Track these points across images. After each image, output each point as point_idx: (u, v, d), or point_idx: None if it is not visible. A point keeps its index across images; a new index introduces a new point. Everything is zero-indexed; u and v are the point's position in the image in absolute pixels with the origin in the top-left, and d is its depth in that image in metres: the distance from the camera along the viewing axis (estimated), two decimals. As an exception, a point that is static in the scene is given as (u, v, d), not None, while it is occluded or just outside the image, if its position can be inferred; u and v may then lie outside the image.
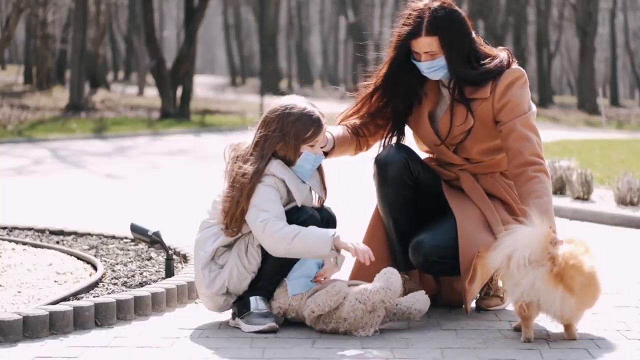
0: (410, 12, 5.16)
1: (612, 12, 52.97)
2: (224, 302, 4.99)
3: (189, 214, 9.52)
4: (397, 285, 4.80)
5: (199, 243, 5.02)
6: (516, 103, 5.11)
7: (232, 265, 4.92)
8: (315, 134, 4.95)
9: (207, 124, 27.55)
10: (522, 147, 5.03)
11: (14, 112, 26.60)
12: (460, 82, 5.17)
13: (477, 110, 5.16)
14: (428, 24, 5.09)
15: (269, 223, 4.79)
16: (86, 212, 9.70)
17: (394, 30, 5.23)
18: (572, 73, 61.19)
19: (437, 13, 5.10)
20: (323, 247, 4.77)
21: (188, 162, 16.84)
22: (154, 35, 28.86)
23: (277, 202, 4.87)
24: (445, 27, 5.09)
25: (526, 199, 4.96)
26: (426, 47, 5.11)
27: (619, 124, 34.58)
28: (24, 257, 6.24)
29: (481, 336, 4.80)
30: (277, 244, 4.79)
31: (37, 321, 4.66)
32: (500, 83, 5.13)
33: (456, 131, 5.20)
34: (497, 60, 5.17)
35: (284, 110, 4.94)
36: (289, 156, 4.94)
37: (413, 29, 5.12)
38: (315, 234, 4.79)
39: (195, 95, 35.99)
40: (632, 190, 9.75)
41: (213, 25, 75.56)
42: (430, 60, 5.13)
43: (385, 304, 4.77)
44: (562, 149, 17.26)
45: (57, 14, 36.85)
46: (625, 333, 4.87)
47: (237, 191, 4.85)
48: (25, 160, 16.55)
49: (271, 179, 4.88)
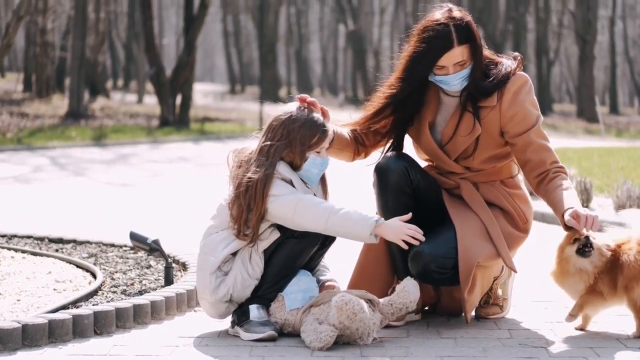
0: (432, 25, 5.06)
1: (612, 20, 52.99)
2: (225, 310, 4.99)
3: (189, 222, 9.52)
4: (412, 296, 4.87)
5: (207, 248, 5.00)
6: (525, 113, 5.13)
7: (236, 273, 4.92)
8: (321, 140, 4.97)
9: (206, 131, 27.57)
10: (543, 157, 5.12)
11: (14, 120, 26.61)
12: (475, 91, 5.15)
13: (484, 119, 5.16)
14: (458, 33, 5.03)
15: (301, 201, 4.82)
16: (85, 220, 9.70)
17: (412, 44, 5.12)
18: (572, 81, 61.27)
19: (462, 22, 5.07)
20: (363, 230, 4.78)
21: (187, 170, 16.84)
22: (154, 42, 28.87)
23: (292, 187, 4.90)
24: (472, 35, 5.09)
25: (554, 191, 5.02)
26: (459, 57, 5.06)
27: (618, 132, 34.59)
28: (23, 265, 6.23)
29: (480, 345, 4.79)
30: (317, 219, 4.79)
31: (36, 329, 4.66)
32: (507, 91, 5.13)
33: (461, 140, 5.19)
34: (503, 68, 5.17)
35: (289, 117, 4.96)
36: (295, 161, 4.96)
37: (444, 41, 5.02)
38: (358, 216, 4.80)
39: (195, 103, 36.03)
40: (632, 198, 9.75)
41: (212, 32, 75.62)
42: (459, 71, 5.11)
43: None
44: (561, 157, 17.10)
45: (57, 22, 36.89)
46: (625, 341, 4.87)
47: (243, 196, 4.86)
48: (24, 168, 16.55)
49: (280, 178, 4.90)
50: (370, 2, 57.96)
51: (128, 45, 50.18)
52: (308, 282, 4.97)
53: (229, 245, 4.94)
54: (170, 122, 28.04)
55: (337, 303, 4.63)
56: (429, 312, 5.44)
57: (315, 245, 4.98)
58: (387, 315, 4.90)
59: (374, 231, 4.79)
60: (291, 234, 4.90)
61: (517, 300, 5.72)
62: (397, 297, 4.90)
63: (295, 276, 4.96)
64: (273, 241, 4.91)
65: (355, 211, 4.83)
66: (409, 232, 4.81)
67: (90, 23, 35.29)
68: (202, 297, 5.02)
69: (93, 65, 38.03)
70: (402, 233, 4.81)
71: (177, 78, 28.42)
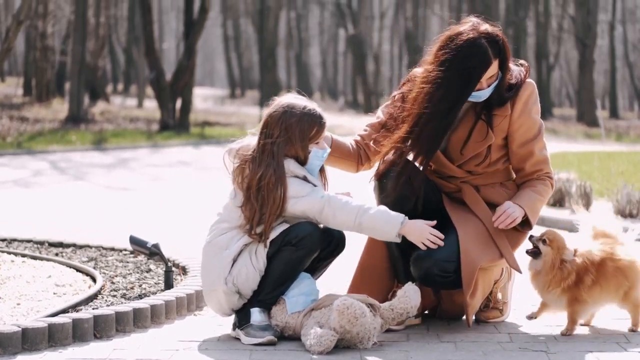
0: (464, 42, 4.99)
1: (612, 24, 53.00)
2: (237, 302, 4.97)
3: (189, 226, 9.52)
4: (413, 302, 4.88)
5: (218, 244, 4.96)
6: (531, 124, 5.20)
7: (241, 264, 4.92)
8: (320, 132, 5.01)
9: (206, 136, 27.55)
10: (537, 169, 5.23)
11: (14, 124, 26.61)
12: (495, 101, 5.16)
13: (496, 127, 5.18)
14: (492, 48, 5.03)
15: (329, 202, 4.88)
16: (85, 224, 9.70)
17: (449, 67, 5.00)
18: (572, 85, 61.24)
19: (493, 35, 5.05)
20: (391, 230, 4.87)
21: (188, 174, 16.84)
22: (154, 47, 28.85)
23: (309, 183, 4.94)
24: (503, 47, 5.09)
25: (522, 189, 5.19)
26: (493, 70, 5.08)
27: (618, 136, 34.57)
28: (23, 269, 6.23)
29: (480, 348, 4.79)
30: (346, 219, 4.88)
31: (36, 333, 4.66)
32: (519, 100, 5.18)
33: (473, 146, 5.19)
34: (513, 76, 5.19)
35: (285, 112, 4.96)
36: (299, 156, 4.99)
37: (483, 58, 5.01)
38: (386, 216, 4.88)
39: (195, 107, 36.01)
40: (632, 202, 9.75)
41: (212, 37, 75.62)
42: (492, 84, 5.12)
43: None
44: (561, 161, 17.26)
45: (57, 26, 36.89)
46: (625, 345, 4.87)
47: (255, 197, 4.87)
48: (24, 172, 16.55)
49: (292, 176, 4.92)
50: (370, 7, 57.95)
51: (128, 50, 50.17)
52: (309, 285, 4.98)
53: (242, 239, 4.94)
54: (171, 126, 28.03)
55: (338, 307, 4.63)
56: (429, 315, 5.44)
57: (314, 253, 4.97)
58: (388, 320, 4.90)
59: (400, 231, 4.86)
60: (288, 240, 4.90)
61: (517, 304, 5.72)
62: (398, 302, 4.90)
63: (296, 279, 4.96)
64: (279, 234, 4.92)
65: (383, 210, 4.90)
66: (430, 236, 4.90)
67: (90, 27, 35.29)
68: (214, 288, 4.97)
69: (93, 69, 38.01)
70: (424, 237, 4.91)
71: (177, 82, 28.41)
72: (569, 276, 4.99)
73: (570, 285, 4.99)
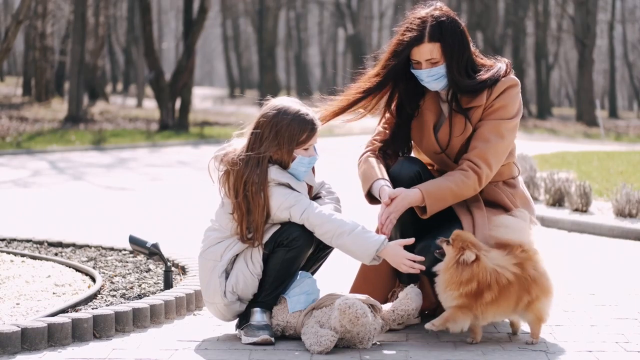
0: (413, 20, 5.19)
1: (611, 24, 53.04)
2: (239, 308, 4.98)
3: (188, 225, 9.52)
4: (413, 304, 4.88)
5: (211, 255, 4.98)
6: (500, 107, 5.18)
7: (237, 271, 4.92)
8: (309, 137, 4.94)
9: (206, 135, 27.55)
10: (477, 146, 5.13)
11: (13, 124, 26.62)
12: (458, 92, 5.19)
13: (473, 118, 5.19)
14: (431, 30, 5.12)
15: (309, 217, 4.83)
16: (85, 224, 9.69)
17: (394, 38, 5.24)
18: (571, 85, 61.31)
19: (440, 21, 5.13)
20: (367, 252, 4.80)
21: (187, 173, 16.83)
22: (153, 47, 28.86)
23: (293, 192, 4.90)
24: (447, 35, 5.13)
25: (442, 176, 5.13)
26: (427, 54, 5.13)
27: (618, 136, 34.59)
28: (22, 269, 6.23)
29: (480, 348, 4.79)
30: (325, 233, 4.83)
31: (35, 333, 4.65)
32: (496, 90, 5.18)
33: (456, 141, 5.22)
34: (493, 69, 5.22)
35: (277, 113, 4.93)
36: (283, 160, 4.94)
37: (416, 35, 5.13)
38: (362, 240, 4.80)
39: (194, 107, 36.03)
40: (631, 202, 9.75)
41: (212, 37, 75.66)
42: (430, 68, 5.14)
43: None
44: (560, 161, 17.26)
45: (56, 26, 36.91)
46: (624, 345, 4.87)
47: (243, 202, 4.86)
48: (24, 171, 16.54)
49: (276, 184, 4.89)
50: (370, 7, 58.00)
51: (127, 50, 50.21)
52: (310, 284, 4.97)
53: (233, 248, 4.94)
54: (170, 126, 28.04)
55: (340, 306, 4.63)
56: (429, 315, 5.44)
57: (307, 251, 4.96)
58: (389, 322, 4.90)
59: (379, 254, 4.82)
60: (280, 242, 4.89)
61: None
62: (399, 304, 4.90)
63: (295, 279, 4.96)
64: (271, 235, 4.91)
65: (362, 230, 4.82)
66: (407, 262, 4.82)
67: (89, 27, 35.33)
68: (213, 302, 5.00)
69: (92, 69, 38.06)
70: (400, 263, 4.83)
71: (176, 82, 28.41)
72: (469, 283, 4.73)
73: (469, 293, 4.74)
